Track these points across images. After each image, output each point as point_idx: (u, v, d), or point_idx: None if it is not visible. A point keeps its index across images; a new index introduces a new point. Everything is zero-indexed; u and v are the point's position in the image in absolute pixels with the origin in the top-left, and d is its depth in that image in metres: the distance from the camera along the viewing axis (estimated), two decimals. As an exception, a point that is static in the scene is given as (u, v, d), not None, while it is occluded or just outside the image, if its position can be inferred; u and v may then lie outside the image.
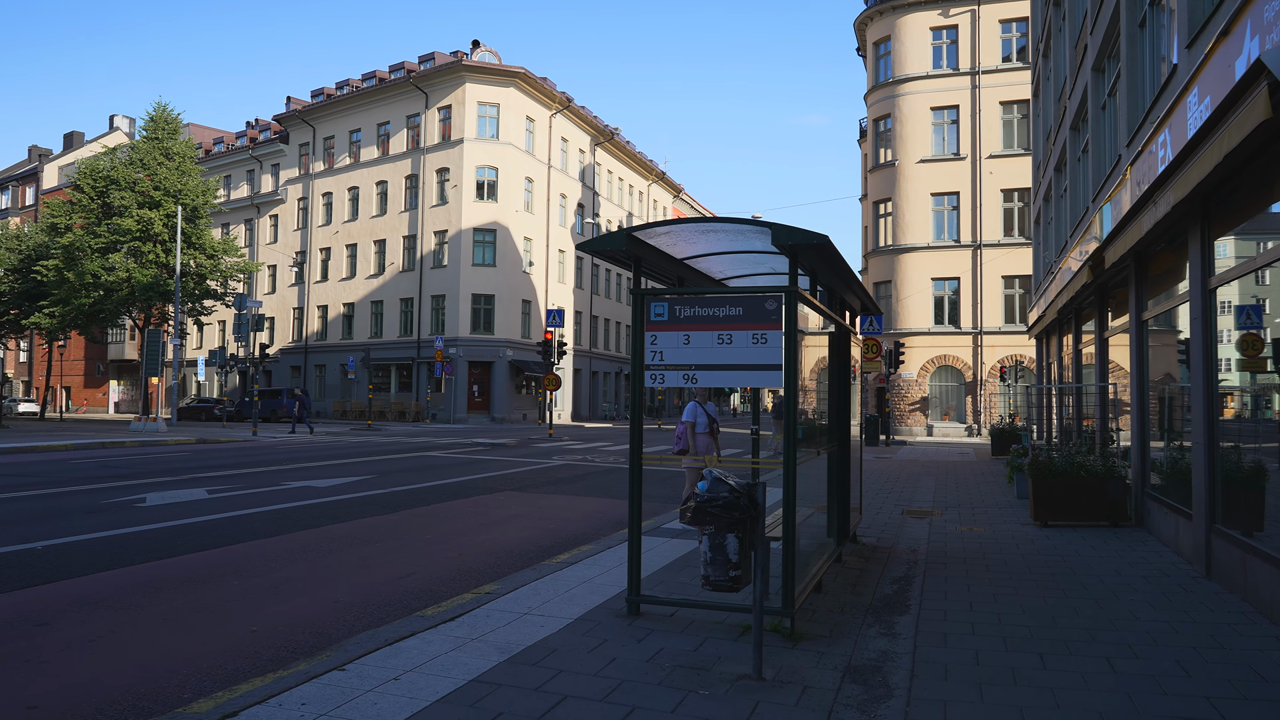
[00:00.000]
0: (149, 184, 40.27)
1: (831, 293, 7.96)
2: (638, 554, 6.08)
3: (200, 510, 11.34)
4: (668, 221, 5.75)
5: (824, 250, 5.64)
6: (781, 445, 5.79)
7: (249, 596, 6.84)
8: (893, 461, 21.47)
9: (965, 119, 35.80)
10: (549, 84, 50.34)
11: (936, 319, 35.72)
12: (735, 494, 4.70)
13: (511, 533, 10.11)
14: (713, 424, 10.01)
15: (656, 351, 5.99)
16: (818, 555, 7.31)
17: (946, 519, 11.45)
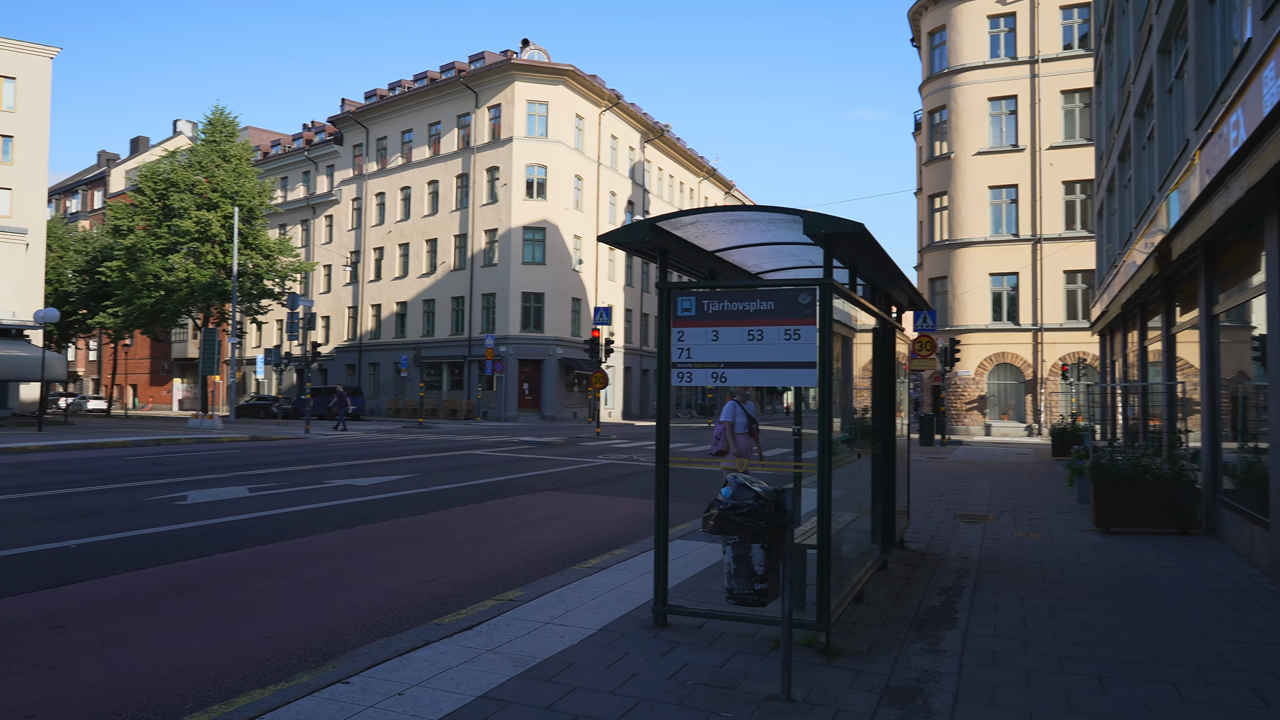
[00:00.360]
0: (207, 186, 41.06)
1: (873, 287, 7.55)
2: (664, 561, 5.77)
3: (239, 509, 11.31)
4: (694, 211, 5.43)
5: (860, 239, 5.26)
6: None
7: (270, 599, 6.68)
8: (947, 462, 20.82)
9: (1024, 109, 34.72)
10: (598, 81, 50.19)
11: (995, 315, 34.73)
12: (761, 501, 4.36)
13: (546, 535, 9.87)
14: (753, 424, 9.65)
15: (684, 348, 5.67)
16: (859, 563, 6.93)
17: (1001, 524, 10.93)
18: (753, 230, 5.93)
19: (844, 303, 6.28)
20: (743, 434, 9.58)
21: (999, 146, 35.07)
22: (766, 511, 4.34)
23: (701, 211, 5.39)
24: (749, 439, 9.65)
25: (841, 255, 5.98)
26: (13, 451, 20.55)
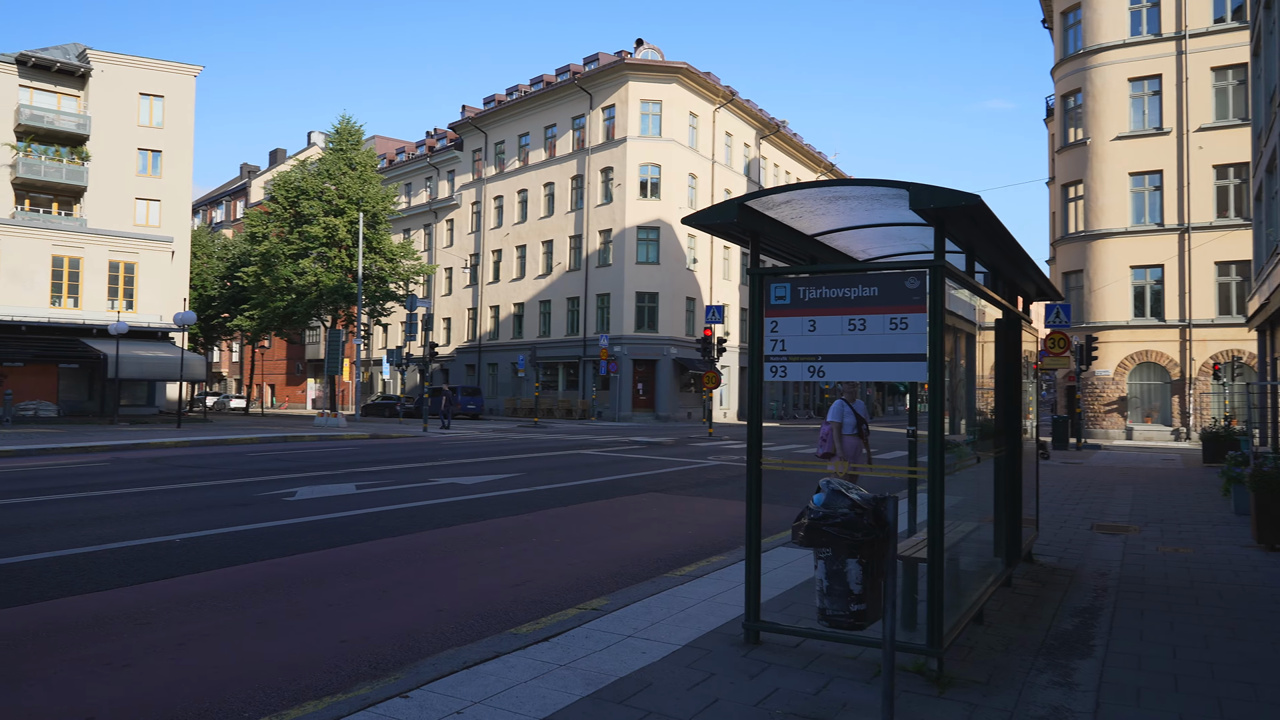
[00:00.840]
0: (334, 193, 42.64)
1: (995, 274, 6.83)
2: (756, 571, 5.27)
3: (344, 505, 11.39)
4: (786, 188, 4.92)
5: (977, 214, 4.64)
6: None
7: (352, 600, 6.52)
8: (1083, 468, 19.39)
9: (1169, 89, 32.27)
10: (712, 78, 49.64)
11: (1136, 311, 32.41)
12: (858, 510, 3.83)
13: (644, 538, 9.48)
14: (862, 425, 9.00)
15: (777, 340, 5.17)
16: (979, 579, 6.25)
17: (1145, 536, 9.90)
18: (855, 210, 5.37)
19: (960, 290, 5.65)
20: (851, 435, 8.94)
21: (1141, 130, 32.72)
22: (864, 522, 3.80)
23: (795, 188, 4.88)
24: (857, 441, 9.01)
25: (956, 235, 5.35)
26: (149, 447, 21.63)
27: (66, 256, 39.28)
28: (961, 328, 5.83)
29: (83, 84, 47.26)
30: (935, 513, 4.66)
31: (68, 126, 45.87)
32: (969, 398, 6.20)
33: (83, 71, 46.72)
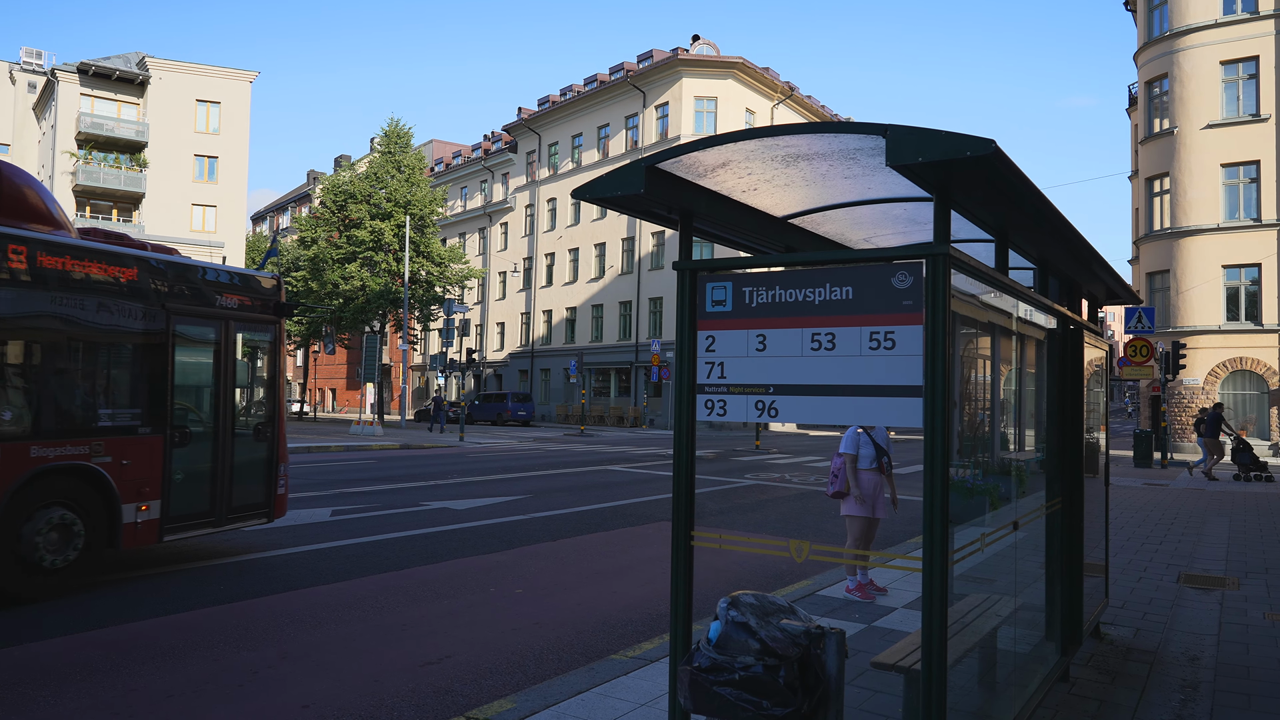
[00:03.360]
0: (381, 196, 42.08)
1: (1044, 268, 5.14)
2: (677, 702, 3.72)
3: (293, 541, 10.05)
4: (715, 139, 3.36)
5: (994, 171, 3.03)
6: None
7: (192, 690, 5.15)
8: (1168, 491, 17.17)
9: (1267, 72, 29.39)
10: (770, 74, 47.80)
11: (1229, 314, 29.59)
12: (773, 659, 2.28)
13: (624, 589, 7.97)
14: (883, 457, 7.33)
15: (715, 363, 3.64)
16: (1019, 684, 4.60)
17: (1248, 592, 8.02)
18: (832, 176, 3.78)
19: (984, 288, 4.02)
20: (869, 470, 7.27)
21: (1234, 118, 29.91)
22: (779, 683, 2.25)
23: (727, 139, 3.32)
24: (878, 477, 7.32)
25: (973, 210, 3.73)
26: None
27: (118, 262, 39.27)
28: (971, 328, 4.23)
29: (141, 91, 47.74)
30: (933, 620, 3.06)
31: (127, 134, 46.36)
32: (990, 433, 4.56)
33: (141, 79, 47.19)
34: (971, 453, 4.37)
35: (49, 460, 7.23)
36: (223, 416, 8.87)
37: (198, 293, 8.71)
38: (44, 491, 7.22)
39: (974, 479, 4.25)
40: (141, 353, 8.15)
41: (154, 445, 8.13)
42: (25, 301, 7.21)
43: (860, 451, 7.27)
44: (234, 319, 9.07)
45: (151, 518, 8.07)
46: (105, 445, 7.70)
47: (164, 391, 8.24)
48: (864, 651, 5.61)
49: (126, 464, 7.84)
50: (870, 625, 6.57)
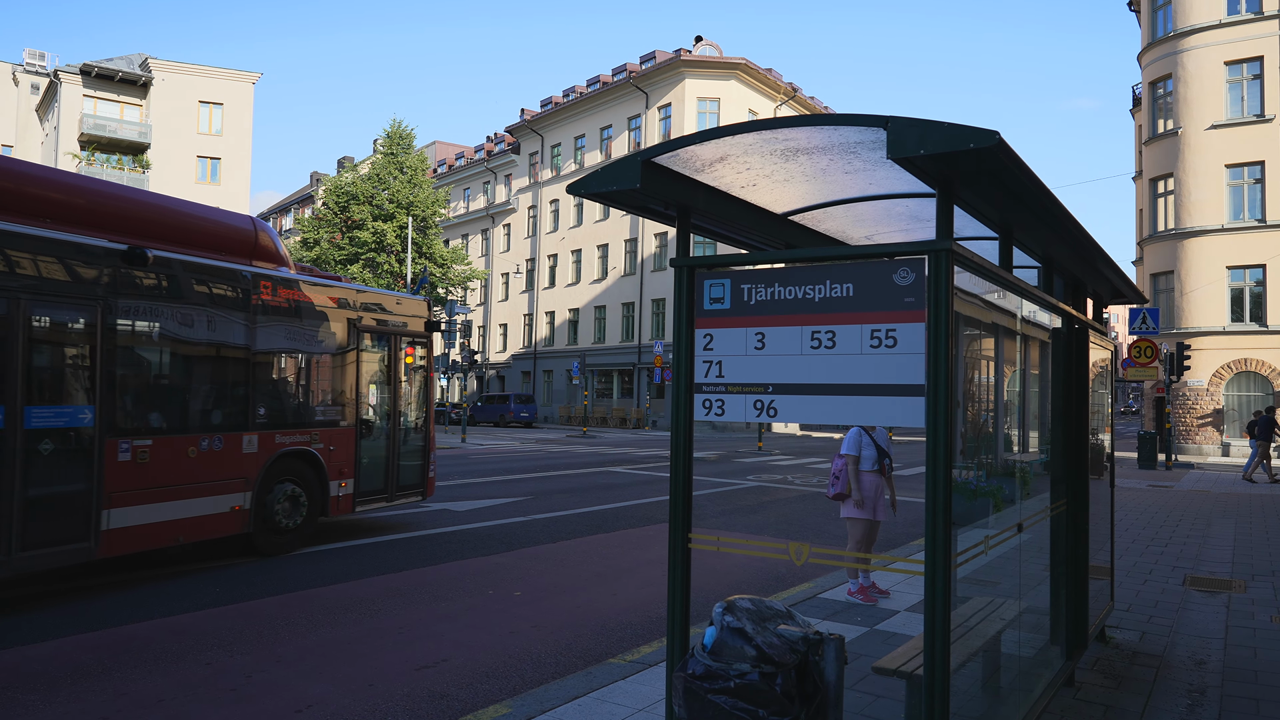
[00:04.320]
0: (384, 197, 42.04)
1: (1048, 266, 5.06)
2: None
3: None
4: (713, 132, 3.29)
5: (998, 164, 2.96)
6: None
7: (167, 701, 5.08)
8: (1174, 493, 17.07)
9: (1272, 72, 29.26)
10: (774, 75, 47.70)
11: (1234, 315, 29.47)
12: (770, 666, 2.20)
13: (626, 591, 7.89)
14: (883, 459, 7.24)
15: (713, 361, 3.56)
16: (1022, 689, 4.52)
17: (1255, 595, 7.94)
18: (832, 171, 3.71)
19: (987, 287, 3.95)
20: (870, 472, 7.18)
21: (1239, 118, 29.79)
22: (776, 689, 2.18)
23: (725, 131, 3.25)
24: (878, 479, 7.24)
25: (977, 205, 3.66)
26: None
27: (121, 263, 39.20)
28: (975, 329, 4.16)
29: (144, 93, 47.75)
30: (935, 624, 2.98)
31: (130, 135, 46.35)
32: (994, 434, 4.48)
33: (144, 80, 47.20)
34: (975, 454, 4.29)
35: (285, 446, 9.35)
36: (393, 413, 10.93)
37: (376, 314, 10.75)
38: (281, 470, 9.31)
39: (977, 480, 4.17)
40: (340, 362, 10.26)
41: (350, 435, 10.25)
42: (270, 323, 9.24)
43: (862, 453, 7.18)
44: (400, 335, 11.13)
45: (348, 493, 10.20)
46: (319, 435, 9.81)
47: (357, 393, 10.34)
48: (865, 655, 5.53)
49: (333, 449, 9.96)
50: (872, 629, 6.49)
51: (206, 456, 8.47)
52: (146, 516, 7.82)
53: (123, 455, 7.63)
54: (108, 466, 7.47)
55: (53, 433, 7.13)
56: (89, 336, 7.46)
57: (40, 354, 7.19)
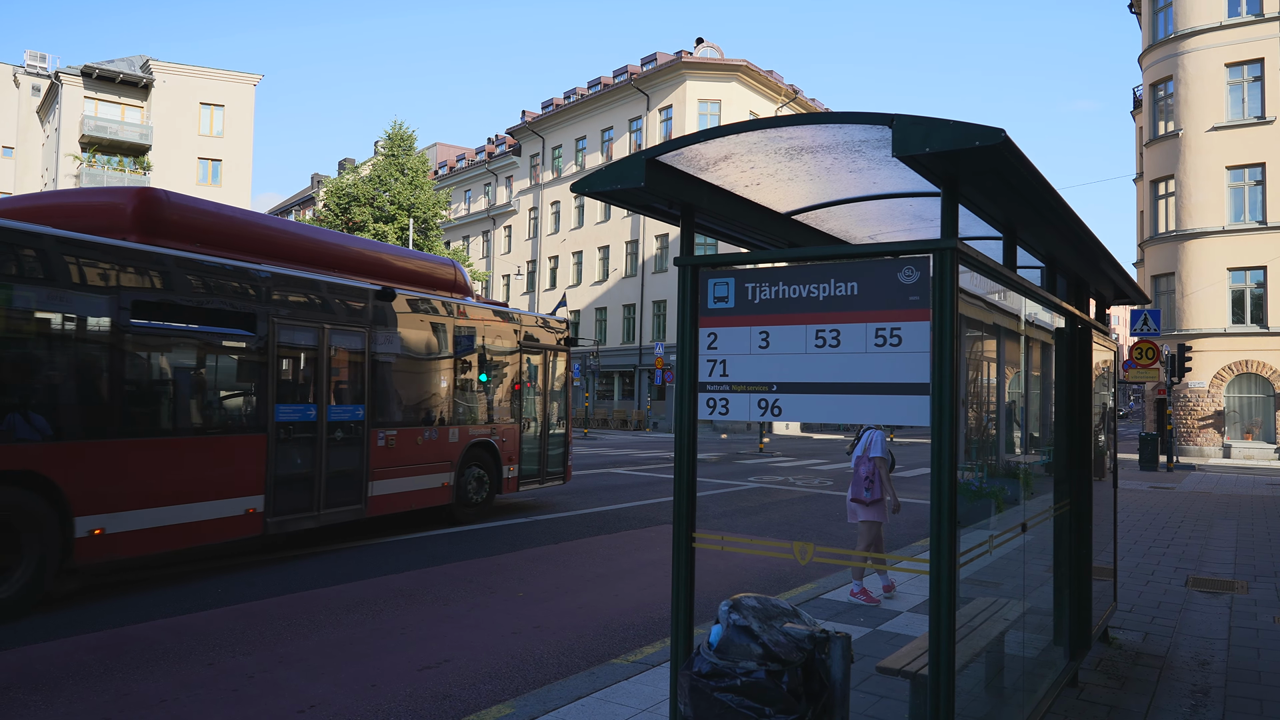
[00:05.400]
0: (385, 199, 42.05)
1: (1051, 266, 5.06)
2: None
3: (296, 543, 10.06)
4: (717, 130, 3.30)
5: (1004, 163, 2.97)
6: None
7: (169, 702, 5.08)
8: (1175, 494, 17.06)
9: (1273, 74, 29.29)
10: (775, 76, 47.74)
11: (1235, 317, 29.48)
12: (776, 664, 2.20)
13: (628, 591, 7.89)
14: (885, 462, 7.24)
15: (717, 360, 3.56)
16: (1025, 689, 4.51)
17: (1257, 596, 7.94)
18: (837, 170, 3.71)
19: (989, 289, 3.95)
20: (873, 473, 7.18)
21: (1239, 120, 29.82)
22: (782, 687, 2.17)
23: (731, 130, 3.25)
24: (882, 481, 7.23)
25: (982, 205, 3.66)
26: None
27: (122, 265, 39.13)
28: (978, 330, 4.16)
29: (145, 94, 47.80)
30: (940, 623, 2.98)
31: (131, 137, 46.39)
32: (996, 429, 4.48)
33: (145, 82, 47.25)
34: (979, 455, 4.29)
35: (474, 438, 11.91)
36: (543, 413, 13.50)
37: (533, 332, 13.40)
38: (471, 457, 11.84)
39: (980, 481, 4.17)
40: (508, 370, 12.79)
41: (515, 430, 12.84)
42: (465, 341, 11.83)
43: (870, 450, 7.18)
44: (549, 349, 13.67)
45: (514, 476, 12.79)
46: (496, 429, 12.37)
47: (520, 395, 12.92)
48: (869, 656, 5.53)
49: (504, 441, 12.55)
50: (875, 629, 6.49)
51: (427, 444, 11.06)
52: (393, 488, 10.41)
53: (380, 442, 10.19)
54: (372, 450, 10.06)
55: (341, 424, 9.71)
56: (360, 353, 9.99)
57: (334, 368, 9.68)
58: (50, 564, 6.90)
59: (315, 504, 9.29)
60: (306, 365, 9.39)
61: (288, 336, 9.09)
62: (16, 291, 6.77)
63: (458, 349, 11.65)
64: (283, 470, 8.95)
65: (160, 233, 8.17)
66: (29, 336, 6.98)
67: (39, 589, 6.82)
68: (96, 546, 7.26)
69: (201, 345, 8.42)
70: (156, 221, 8.20)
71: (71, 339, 7.27)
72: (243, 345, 8.72)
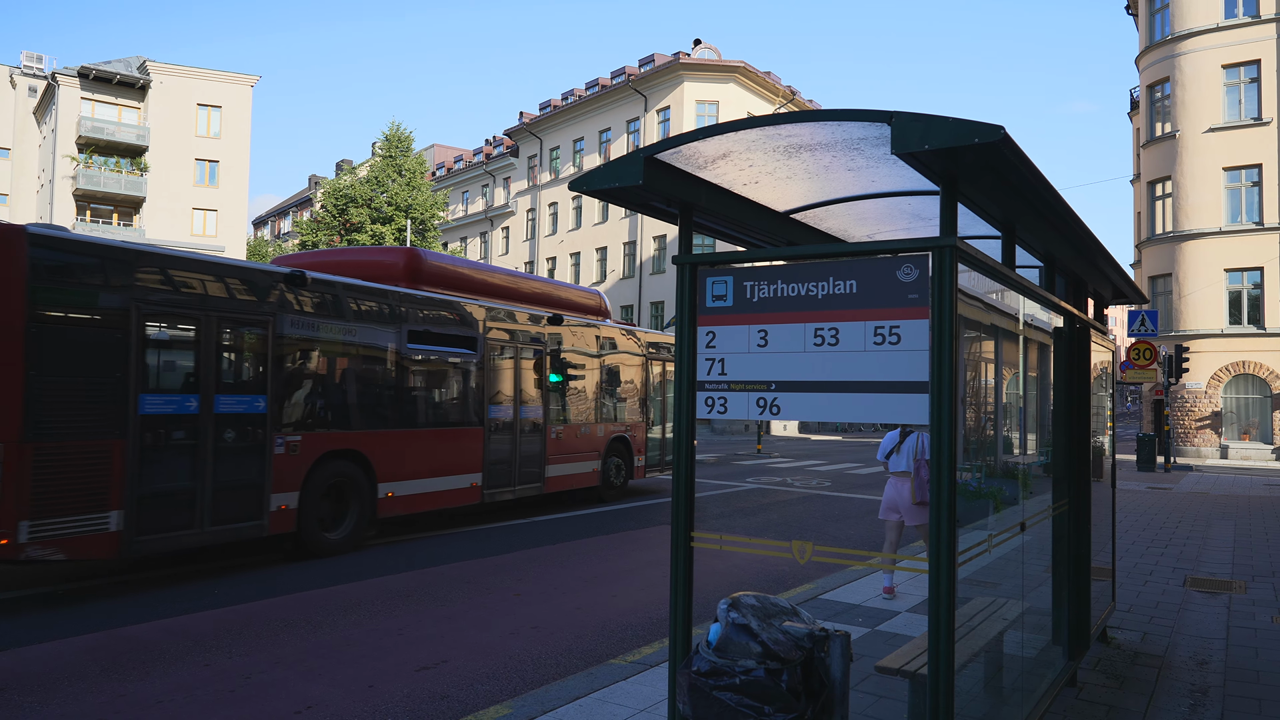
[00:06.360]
0: (382, 200, 42.03)
1: (1050, 265, 5.06)
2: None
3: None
4: (716, 128, 3.29)
5: (1002, 160, 2.96)
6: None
7: (165, 703, 5.06)
8: (1172, 495, 17.07)
9: (1269, 76, 29.33)
10: (772, 78, 47.75)
11: (1232, 318, 29.50)
12: (775, 663, 2.19)
13: (626, 592, 7.87)
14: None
15: (715, 359, 3.55)
16: (1025, 690, 4.50)
17: (1255, 596, 7.93)
18: (835, 168, 3.70)
19: (987, 289, 3.95)
20: (903, 474, 7.17)
21: (1236, 121, 29.86)
22: (782, 685, 2.16)
23: (729, 127, 3.24)
24: (907, 484, 7.22)
25: (981, 202, 3.65)
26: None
27: (119, 266, 38.95)
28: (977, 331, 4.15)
29: (142, 96, 47.72)
30: (940, 623, 2.97)
31: (127, 138, 46.28)
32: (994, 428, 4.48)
33: (142, 83, 47.16)
34: (977, 455, 4.28)
35: (614, 433, 14.63)
36: (661, 412, 16.09)
37: (650, 343, 15.97)
38: (611, 449, 14.50)
39: (979, 481, 4.16)
40: (635, 377, 15.50)
41: (642, 426, 15.53)
42: (608, 354, 14.52)
43: (901, 453, 7.19)
44: (665, 359, 16.17)
45: (642, 464, 15.54)
46: (629, 426, 15.12)
47: (644, 397, 15.62)
48: (868, 656, 5.52)
49: (635, 435, 15.29)
50: (874, 629, 6.48)
51: (583, 438, 13.68)
52: (561, 470, 13.08)
53: (553, 435, 12.92)
54: (548, 440, 12.79)
55: (530, 421, 12.50)
56: (540, 366, 12.78)
57: (524, 378, 12.44)
58: (364, 516, 9.77)
59: (513, 481, 12.11)
60: (506, 375, 12.17)
61: (493, 354, 11.88)
62: (343, 325, 9.62)
63: (601, 360, 14.37)
64: (492, 455, 11.69)
65: (421, 280, 11.04)
66: (351, 355, 9.79)
67: (359, 535, 9.77)
68: (389, 505, 10.07)
69: (445, 362, 11.21)
70: (419, 272, 11.07)
71: (375, 357, 10.09)
72: (469, 361, 11.46)
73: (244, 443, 8.46)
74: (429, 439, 10.76)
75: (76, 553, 7.14)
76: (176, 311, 8.05)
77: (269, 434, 8.64)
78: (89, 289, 7.41)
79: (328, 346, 9.43)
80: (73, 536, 7.05)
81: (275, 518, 8.63)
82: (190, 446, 7.95)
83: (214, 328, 8.24)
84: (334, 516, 9.44)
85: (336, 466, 9.39)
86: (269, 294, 8.81)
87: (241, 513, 8.34)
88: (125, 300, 7.53)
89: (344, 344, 9.59)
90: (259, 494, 8.50)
